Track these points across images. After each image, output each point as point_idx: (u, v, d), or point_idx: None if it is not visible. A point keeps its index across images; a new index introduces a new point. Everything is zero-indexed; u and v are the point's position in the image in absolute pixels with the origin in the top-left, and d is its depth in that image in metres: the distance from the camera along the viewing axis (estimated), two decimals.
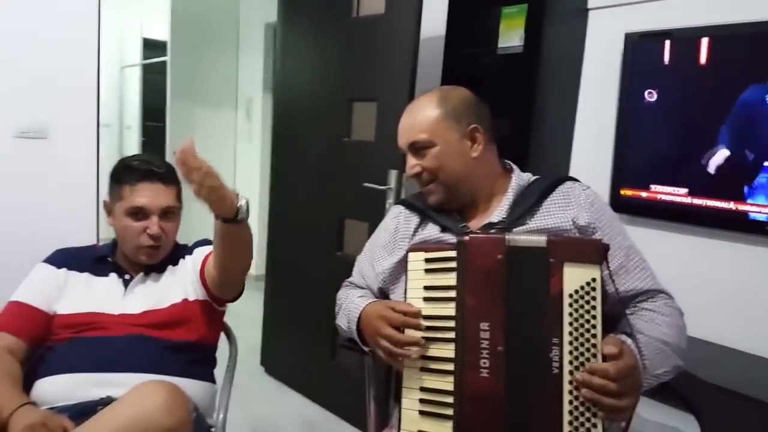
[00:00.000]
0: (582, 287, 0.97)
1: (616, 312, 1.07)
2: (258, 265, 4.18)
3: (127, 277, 1.37)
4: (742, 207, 1.74)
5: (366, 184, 2.23)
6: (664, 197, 1.91)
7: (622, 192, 2.01)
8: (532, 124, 2.12)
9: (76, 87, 2.07)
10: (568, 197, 1.18)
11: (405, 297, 1.10)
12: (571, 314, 0.97)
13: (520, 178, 1.25)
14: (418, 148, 1.20)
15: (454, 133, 1.20)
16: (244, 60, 4.44)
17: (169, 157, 4.53)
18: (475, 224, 1.20)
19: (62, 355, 1.24)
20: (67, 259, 1.37)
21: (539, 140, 2.16)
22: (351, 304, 1.26)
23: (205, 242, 1.46)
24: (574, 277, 0.97)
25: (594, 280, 0.97)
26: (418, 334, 1.05)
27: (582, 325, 0.96)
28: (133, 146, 5.13)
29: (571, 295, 0.97)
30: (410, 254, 1.12)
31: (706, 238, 1.86)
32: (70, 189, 2.05)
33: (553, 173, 2.16)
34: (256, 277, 4.18)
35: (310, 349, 2.59)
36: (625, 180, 2.00)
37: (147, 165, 1.35)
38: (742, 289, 1.78)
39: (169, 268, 1.40)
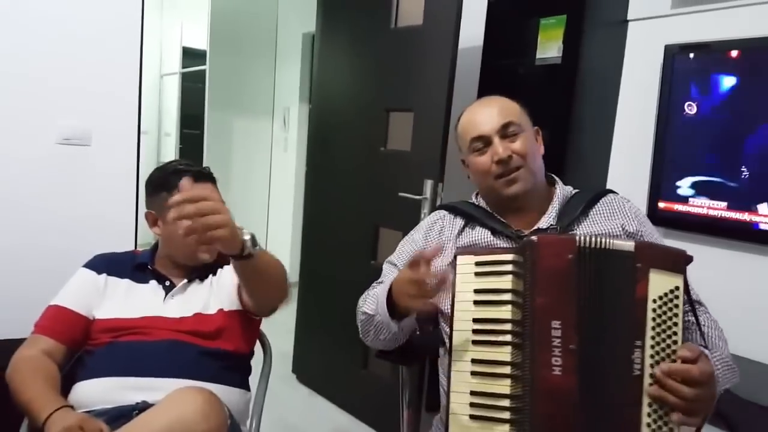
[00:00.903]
0: (666, 294, 0.97)
1: None
2: (291, 272, 4.24)
3: (167, 283, 1.38)
4: None
5: (401, 194, 2.25)
6: (702, 211, 1.88)
7: (660, 204, 1.98)
8: (570, 135, 2.11)
9: (118, 94, 2.11)
10: (612, 207, 1.22)
11: (453, 301, 1.08)
12: (654, 319, 0.96)
13: (564, 189, 1.27)
14: (510, 132, 1.21)
15: (531, 128, 1.26)
16: (282, 69, 4.52)
17: (207, 163, 4.62)
18: (523, 230, 1.21)
19: (101, 359, 1.26)
20: (107, 264, 1.40)
21: (577, 151, 2.14)
22: (374, 290, 1.25)
23: None
24: (659, 283, 0.97)
25: (677, 288, 0.97)
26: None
27: (664, 331, 0.96)
28: (170, 153, 5.26)
29: (654, 301, 0.96)
30: (459, 258, 1.10)
31: (745, 252, 1.82)
32: (110, 195, 2.08)
33: (591, 184, 2.17)
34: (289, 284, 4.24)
35: (342, 358, 2.61)
36: (663, 193, 1.97)
37: (193, 167, 1.39)
38: None
39: (210, 277, 1.41)
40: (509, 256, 1.05)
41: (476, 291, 1.06)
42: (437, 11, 2.17)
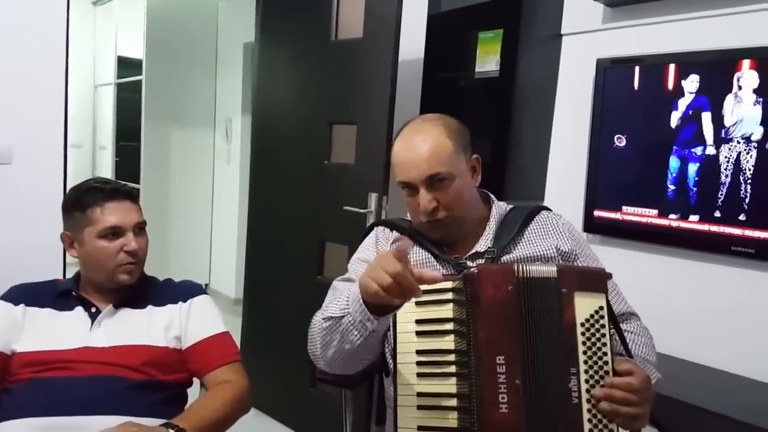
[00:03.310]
0: (592, 315, 0.98)
1: None
2: (236, 289, 4.14)
3: (93, 310, 1.30)
4: (711, 228, 1.78)
5: (346, 208, 2.23)
6: (635, 218, 1.95)
7: (595, 213, 2.04)
8: (508, 147, 2.16)
9: (42, 107, 1.99)
10: (547, 225, 1.23)
11: (394, 332, 1.06)
12: (584, 343, 0.97)
13: (499, 208, 1.26)
14: (437, 181, 1.14)
15: (464, 165, 1.19)
16: (223, 79, 4.42)
17: (144, 176, 4.42)
18: (459, 254, 1.20)
19: (21, 397, 1.17)
20: (24, 294, 1.31)
21: (516, 163, 2.19)
22: (343, 293, 1.12)
23: (199, 290, 1.42)
24: (584, 305, 0.98)
25: (602, 308, 0.98)
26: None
27: (595, 353, 0.97)
28: (106, 167, 5.04)
29: (582, 324, 0.97)
30: None
31: (674, 258, 1.90)
32: (34, 218, 1.95)
33: (530, 194, 2.22)
34: (234, 300, 4.13)
35: (290, 377, 2.55)
36: (598, 202, 2.04)
37: (109, 184, 1.32)
38: (709, 305, 1.82)
39: (151, 307, 1.34)
40: (449, 284, 1.04)
41: (418, 321, 1.04)
42: (377, 24, 2.17)
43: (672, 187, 1.86)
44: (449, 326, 1.02)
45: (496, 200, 1.29)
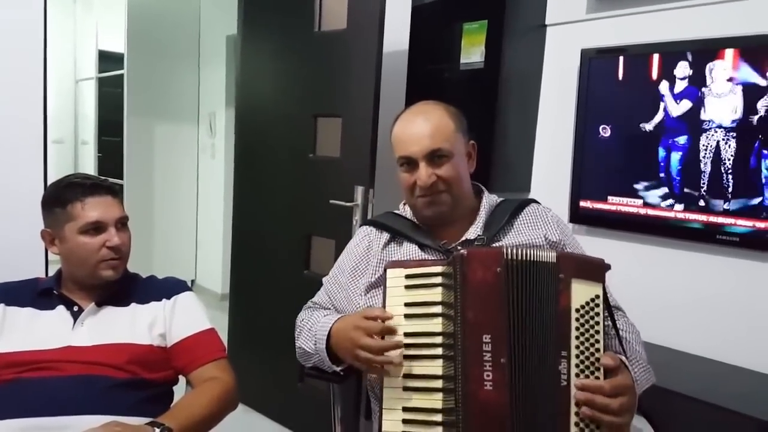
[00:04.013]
0: (587, 303, 0.99)
1: None
2: (223, 284, 4.11)
3: (75, 309, 1.28)
4: (696, 216, 1.79)
5: (332, 201, 2.22)
6: (620, 208, 1.96)
7: (581, 204, 2.05)
8: (494, 139, 2.15)
9: (20, 102, 1.94)
10: (535, 216, 1.25)
11: None
12: (577, 328, 0.98)
13: (489, 199, 1.29)
14: (437, 157, 1.17)
15: (463, 148, 1.23)
16: (206, 73, 4.36)
17: (127, 172, 4.37)
18: (450, 240, 1.22)
19: (4, 398, 1.15)
20: (4, 293, 1.29)
21: (501, 154, 2.19)
22: (316, 324, 1.23)
23: (183, 287, 1.40)
24: (581, 292, 0.99)
25: (597, 296, 0.99)
26: (397, 338, 1.04)
27: (587, 339, 0.98)
28: (88, 162, 4.97)
29: (577, 310, 0.98)
30: (388, 271, 1.10)
31: (661, 247, 1.91)
32: (13, 215, 1.92)
33: (516, 186, 2.22)
34: (221, 296, 4.11)
35: (278, 372, 2.54)
36: (583, 192, 2.05)
37: (89, 180, 1.30)
38: (694, 294, 1.84)
39: (134, 304, 1.32)
40: (439, 268, 1.05)
41: (407, 304, 1.06)
42: (360, 15, 2.15)
43: (656, 176, 1.87)
44: (438, 309, 1.04)
45: (487, 192, 1.31)
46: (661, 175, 1.86)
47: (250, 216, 2.72)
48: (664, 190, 1.86)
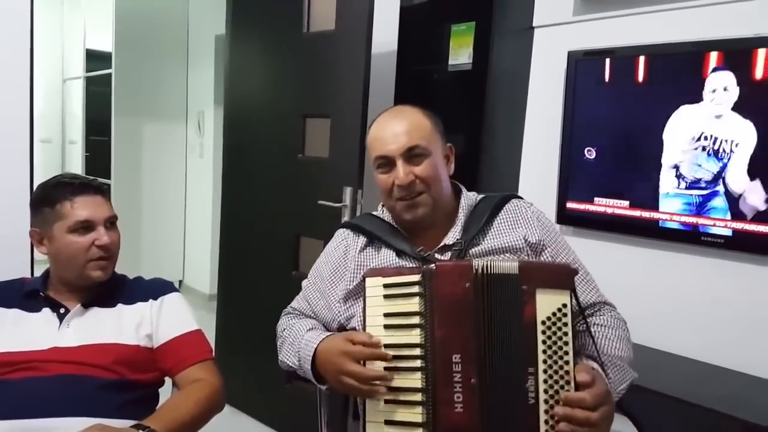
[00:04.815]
0: (554, 313, 0.96)
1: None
2: (211, 284, 4.09)
3: (62, 311, 1.27)
4: (681, 218, 1.81)
5: (321, 202, 2.22)
6: (607, 210, 1.97)
7: (568, 205, 2.06)
8: (482, 139, 2.16)
9: (7, 102, 1.94)
10: (516, 215, 1.21)
11: (363, 325, 1.06)
12: (544, 342, 0.95)
13: (468, 199, 1.25)
14: (415, 155, 1.15)
15: (440, 148, 1.20)
16: (194, 72, 4.34)
17: (115, 171, 4.33)
18: (428, 247, 1.19)
19: None
20: None
21: (490, 154, 2.20)
22: (301, 340, 1.19)
23: (170, 288, 1.39)
24: (546, 303, 0.96)
25: (565, 305, 0.96)
26: (382, 365, 1.01)
27: (555, 352, 0.95)
28: (76, 162, 4.93)
29: (543, 322, 0.95)
30: (367, 280, 1.07)
31: (645, 248, 1.93)
32: (0, 213, 1.91)
33: (504, 186, 2.23)
34: (209, 296, 4.09)
35: (265, 373, 2.53)
36: (570, 193, 2.06)
37: (78, 179, 1.30)
38: (680, 295, 1.86)
39: (121, 305, 1.31)
40: (415, 277, 1.03)
41: (386, 315, 1.03)
42: (349, 16, 2.15)
43: (643, 178, 1.88)
44: (416, 320, 1.01)
45: (466, 191, 1.27)
46: (647, 177, 1.87)
47: (239, 216, 2.71)
48: (650, 191, 1.87)
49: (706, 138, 1.75)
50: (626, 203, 1.93)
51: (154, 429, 1.08)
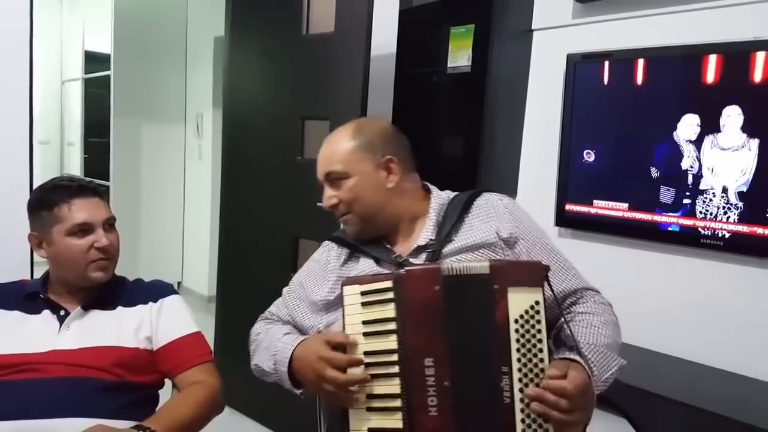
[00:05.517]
0: (527, 311, 0.96)
1: (554, 316, 1.07)
2: (210, 286, 4.09)
3: (62, 313, 1.28)
4: (680, 220, 1.82)
5: (320, 204, 2.21)
6: (606, 212, 1.98)
7: (567, 207, 2.07)
8: (481, 142, 2.16)
9: (6, 103, 1.94)
10: (488, 210, 1.20)
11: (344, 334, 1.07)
12: (518, 340, 0.95)
13: (439, 198, 1.25)
14: (334, 179, 1.21)
15: (369, 164, 1.20)
16: (193, 74, 4.34)
17: (114, 173, 4.33)
18: (404, 249, 1.20)
19: None
20: None
21: (489, 157, 2.20)
22: (275, 342, 1.19)
23: (170, 290, 1.40)
24: (518, 301, 0.96)
25: (537, 303, 0.96)
26: (361, 370, 1.01)
27: (529, 350, 0.95)
28: (75, 164, 4.93)
29: (516, 321, 0.95)
30: (345, 288, 1.07)
31: (645, 251, 1.93)
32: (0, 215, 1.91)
33: (504, 188, 2.22)
34: (208, 298, 4.08)
35: None
36: (569, 196, 2.06)
37: (75, 181, 1.30)
38: (679, 297, 1.86)
39: (120, 308, 1.31)
40: (389, 283, 1.03)
41: (364, 322, 1.04)
42: (348, 18, 2.15)
43: (642, 180, 1.89)
44: (392, 326, 1.01)
45: (437, 191, 1.28)
46: (647, 179, 1.88)
47: (237, 218, 2.71)
48: (650, 194, 1.87)
49: (705, 139, 1.75)
50: (625, 205, 1.93)
51: (155, 430, 1.08)
